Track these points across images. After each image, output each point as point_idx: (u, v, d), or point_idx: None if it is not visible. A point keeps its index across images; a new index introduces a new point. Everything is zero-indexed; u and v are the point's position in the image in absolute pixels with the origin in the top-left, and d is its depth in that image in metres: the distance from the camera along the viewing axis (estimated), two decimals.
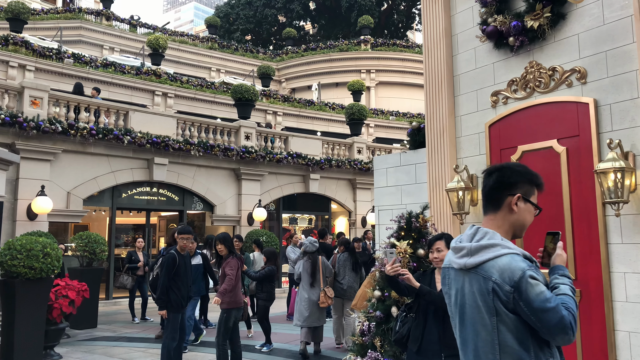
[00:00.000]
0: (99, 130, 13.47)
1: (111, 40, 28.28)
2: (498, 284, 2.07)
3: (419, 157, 6.26)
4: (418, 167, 6.25)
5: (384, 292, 5.17)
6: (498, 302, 2.07)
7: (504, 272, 2.07)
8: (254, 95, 17.27)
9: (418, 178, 6.25)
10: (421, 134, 6.23)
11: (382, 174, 6.68)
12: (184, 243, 6.63)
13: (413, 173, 6.32)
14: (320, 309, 8.35)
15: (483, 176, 2.31)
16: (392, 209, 6.50)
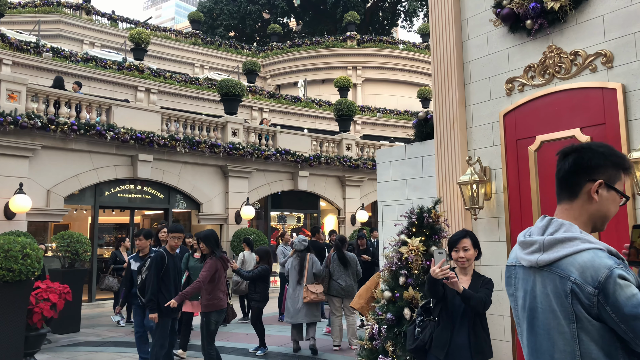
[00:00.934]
0: (81, 126, 12.92)
1: (91, 34, 27.54)
2: (578, 284, 1.71)
3: (426, 149, 5.92)
4: (425, 159, 5.91)
5: (394, 292, 4.82)
6: (578, 305, 1.71)
7: (585, 270, 1.71)
8: (241, 90, 16.82)
9: (425, 171, 5.90)
10: (429, 125, 5.89)
11: (386, 168, 6.32)
12: (175, 242, 6.20)
13: (420, 166, 5.97)
14: (309, 306, 8.23)
15: (557, 158, 1.95)
16: (397, 205, 6.15)
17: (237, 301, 12.09)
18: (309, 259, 8.60)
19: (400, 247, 4.86)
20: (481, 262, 5.25)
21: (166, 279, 6.11)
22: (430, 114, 5.94)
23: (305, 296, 8.16)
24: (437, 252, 3.58)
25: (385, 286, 4.98)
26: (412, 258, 4.71)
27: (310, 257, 8.65)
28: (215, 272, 6.23)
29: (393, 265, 4.84)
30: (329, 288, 8.37)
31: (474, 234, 3.95)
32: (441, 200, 5.11)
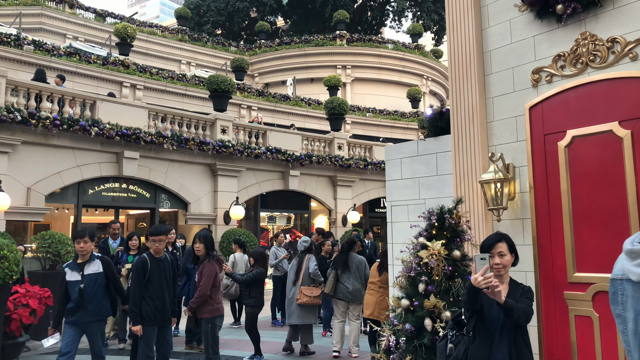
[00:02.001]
0: (64, 121, 12.33)
1: (75, 29, 26.78)
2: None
3: (440, 145, 5.50)
4: (440, 156, 5.49)
5: (412, 301, 4.39)
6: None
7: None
8: (230, 87, 16.31)
9: (440, 169, 5.49)
10: (444, 119, 5.47)
11: (396, 165, 5.90)
12: (156, 246, 5.69)
13: (433, 163, 5.56)
14: (302, 308, 8.00)
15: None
16: (407, 205, 5.73)
17: (227, 305, 11.58)
18: (306, 260, 8.32)
19: (419, 251, 4.44)
20: None
21: (150, 286, 5.58)
22: (446, 107, 5.52)
23: (298, 298, 8.05)
24: (479, 258, 3.15)
25: (402, 293, 4.56)
26: (433, 263, 4.29)
27: (308, 258, 8.35)
28: (216, 275, 5.81)
29: (412, 271, 4.41)
30: (335, 291, 7.96)
31: (509, 237, 3.53)
32: (463, 199, 4.69)
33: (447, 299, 4.27)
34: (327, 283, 8.04)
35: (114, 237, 9.68)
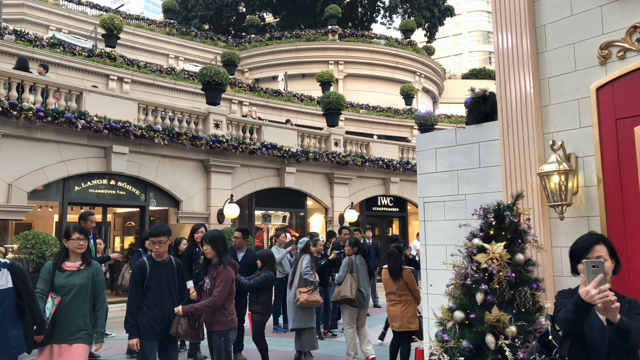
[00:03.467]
0: (48, 112, 11.49)
1: (58, 20, 25.78)
2: None
3: (484, 133, 4.86)
4: (483, 146, 4.85)
5: (467, 312, 3.74)
6: None
7: None
8: (224, 79, 15.54)
9: (483, 160, 4.85)
10: (488, 104, 4.84)
11: (429, 157, 5.24)
12: (155, 248, 4.98)
13: (475, 154, 4.92)
14: (302, 310, 7.41)
15: None
16: (443, 201, 5.08)
17: None
18: (301, 260, 7.86)
19: (475, 255, 3.79)
20: (562, 272, 4.23)
21: (150, 293, 4.88)
22: (489, 90, 4.89)
23: (298, 298, 7.44)
24: (590, 266, 2.50)
25: (454, 304, 3.91)
26: (494, 269, 3.64)
27: (302, 258, 7.75)
28: (232, 283, 5.12)
29: (467, 278, 3.76)
30: (340, 294, 7.33)
31: (608, 239, 2.90)
32: (523, 194, 4.05)
33: (511, 311, 3.63)
34: (346, 287, 7.37)
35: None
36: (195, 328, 4.95)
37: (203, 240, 5.53)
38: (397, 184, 19.46)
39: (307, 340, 7.48)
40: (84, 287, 4.61)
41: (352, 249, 7.75)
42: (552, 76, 4.44)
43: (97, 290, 4.72)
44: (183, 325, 4.87)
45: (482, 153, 4.86)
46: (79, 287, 4.58)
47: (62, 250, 4.79)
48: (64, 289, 4.55)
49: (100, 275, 4.80)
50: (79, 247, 4.66)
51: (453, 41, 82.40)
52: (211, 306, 5.06)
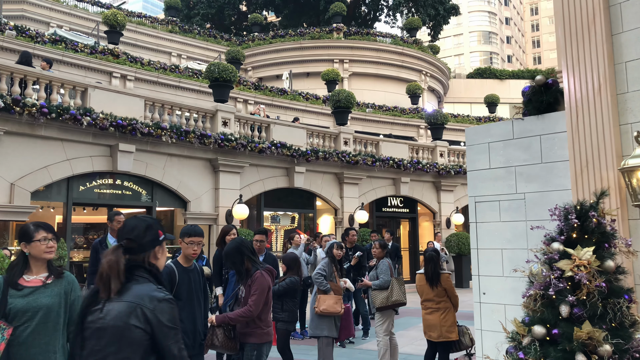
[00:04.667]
0: (52, 109, 11.01)
1: (59, 17, 25.33)
2: None
3: (546, 125, 4.40)
4: (545, 139, 4.39)
5: (548, 327, 3.27)
6: None
7: None
8: (232, 76, 15.06)
9: (546, 155, 4.39)
10: (550, 93, 4.37)
11: (482, 152, 4.78)
12: (193, 251, 4.47)
13: (537, 148, 4.45)
14: (318, 317, 6.78)
15: None
16: (498, 201, 4.62)
17: None
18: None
19: (557, 262, 3.32)
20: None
21: (180, 304, 4.29)
22: (552, 78, 4.42)
23: (316, 306, 6.84)
24: None
25: (527, 316, 3.44)
26: (583, 278, 3.17)
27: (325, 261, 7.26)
28: (268, 291, 4.65)
29: (550, 288, 3.28)
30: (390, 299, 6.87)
31: None
32: (607, 192, 3.58)
33: (601, 326, 3.16)
34: (397, 291, 6.91)
35: (116, 234, 8.09)
36: (231, 339, 4.51)
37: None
38: (408, 184, 19.01)
39: (321, 350, 6.97)
40: (54, 309, 3.23)
41: (382, 251, 7.28)
42: (630, 60, 3.98)
43: (73, 313, 3.32)
44: (219, 336, 4.42)
45: (545, 147, 4.39)
46: (47, 309, 3.22)
47: (20, 258, 3.35)
48: (24, 315, 3.19)
49: (77, 291, 3.41)
50: (48, 250, 3.33)
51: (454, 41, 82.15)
52: (246, 316, 4.60)
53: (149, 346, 2.38)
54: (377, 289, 7.11)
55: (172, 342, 2.41)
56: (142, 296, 2.39)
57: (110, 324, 2.36)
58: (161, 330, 2.38)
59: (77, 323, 2.49)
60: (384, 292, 7.05)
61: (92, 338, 2.40)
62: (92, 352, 2.38)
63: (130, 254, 2.50)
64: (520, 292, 4.41)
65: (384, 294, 7.02)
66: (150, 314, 2.37)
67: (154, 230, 2.63)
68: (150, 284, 2.46)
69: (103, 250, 7.22)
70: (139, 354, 2.36)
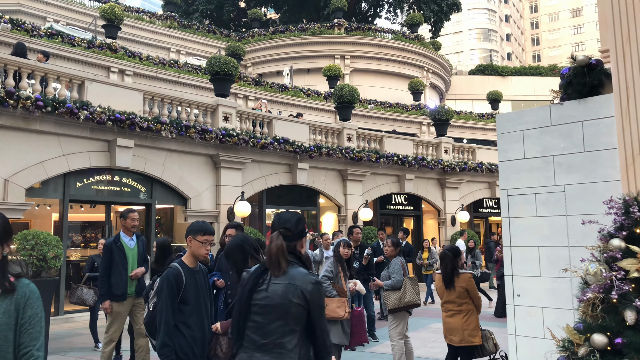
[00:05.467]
0: (47, 102, 10.58)
1: (55, 12, 24.88)
2: None
3: (589, 109, 4.00)
4: (588, 125, 3.99)
5: (610, 336, 2.87)
6: None
7: None
8: (234, 69, 14.63)
9: (588, 143, 3.99)
10: (594, 74, 3.97)
11: (515, 140, 4.38)
12: (205, 251, 4.03)
13: (578, 135, 4.06)
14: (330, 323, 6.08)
15: None
16: (535, 194, 4.22)
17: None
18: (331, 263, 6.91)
19: (620, 261, 2.92)
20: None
21: (187, 309, 3.89)
22: (595, 58, 4.02)
23: None
24: None
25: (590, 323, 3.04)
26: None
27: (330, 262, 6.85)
28: None
29: (613, 291, 2.88)
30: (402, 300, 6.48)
31: None
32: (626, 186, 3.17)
33: None
34: (410, 291, 6.52)
35: (130, 232, 6.97)
36: None
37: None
38: (412, 181, 18.61)
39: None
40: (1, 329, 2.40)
41: (394, 249, 6.88)
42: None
43: (24, 335, 2.46)
44: (223, 345, 4.00)
45: (587, 134, 3.99)
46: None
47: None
48: None
49: (33, 307, 2.51)
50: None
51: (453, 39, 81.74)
52: None
53: (306, 319, 2.86)
54: (390, 290, 6.71)
55: (321, 318, 2.89)
56: (300, 279, 2.84)
57: (277, 302, 2.81)
58: (315, 308, 2.85)
59: (245, 300, 2.90)
60: (396, 292, 6.65)
61: (260, 313, 2.85)
62: (260, 325, 2.84)
63: (286, 241, 2.91)
64: (560, 294, 4.02)
65: (397, 295, 6.63)
66: (308, 295, 2.82)
67: (302, 223, 3.04)
68: (301, 269, 2.91)
69: (118, 249, 6.71)
70: (300, 325, 2.85)
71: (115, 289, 6.67)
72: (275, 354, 2.80)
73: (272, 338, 2.81)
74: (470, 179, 20.40)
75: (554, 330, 3.46)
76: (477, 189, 20.89)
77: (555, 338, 3.22)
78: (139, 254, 6.94)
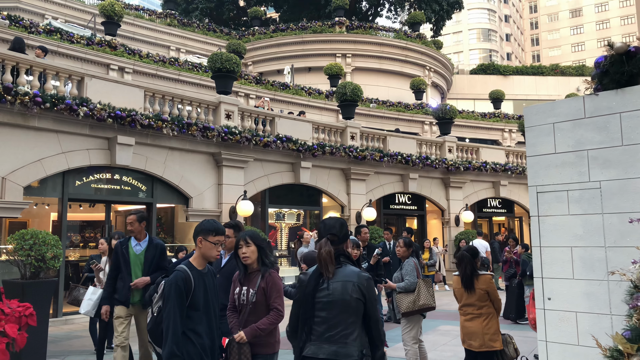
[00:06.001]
0: (46, 98, 10.31)
1: (54, 9, 24.58)
2: None
3: (628, 100, 3.74)
4: (627, 117, 3.74)
5: None
6: None
7: None
8: (236, 66, 14.37)
9: (627, 136, 3.73)
10: (634, 62, 3.70)
11: (545, 133, 4.11)
12: (218, 250, 3.76)
13: (615, 128, 3.79)
14: None
15: None
16: (567, 190, 3.96)
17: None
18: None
19: None
20: None
21: (196, 315, 3.61)
22: (634, 45, 3.76)
23: None
24: None
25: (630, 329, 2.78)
26: None
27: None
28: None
29: None
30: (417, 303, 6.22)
31: None
32: None
33: None
34: (424, 294, 6.27)
35: (139, 237, 6.40)
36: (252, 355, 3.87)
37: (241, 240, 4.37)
38: (416, 180, 18.36)
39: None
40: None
41: (407, 250, 6.62)
42: None
43: None
44: (247, 354, 3.79)
45: (627, 126, 3.73)
46: None
47: None
48: None
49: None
50: None
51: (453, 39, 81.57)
52: (276, 322, 4.04)
53: (362, 311, 3.25)
54: (403, 292, 6.45)
55: (375, 309, 3.30)
56: (355, 276, 3.26)
57: (339, 298, 3.21)
58: (370, 300, 3.26)
59: (309, 299, 3.25)
60: (410, 295, 6.40)
61: (325, 309, 3.23)
62: (326, 319, 3.22)
63: (333, 245, 3.32)
64: (596, 298, 3.76)
65: (410, 298, 6.37)
66: (364, 289, 3.24)
67: (345, 227, 3.44)
68: (353, 267, 3.33)
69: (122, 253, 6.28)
70: (360, 317, 3.26)
71: (119, 294, 6.26)
72: (340, 344, 3.16)
73: (338, 330, 3.18)
74: (475, 178, 20.16)
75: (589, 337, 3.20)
76: (481, 189, 20.64)
77: (601, 347, 2.96)
78: (147, 261, 6.24)
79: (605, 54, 3.78)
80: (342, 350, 3.16)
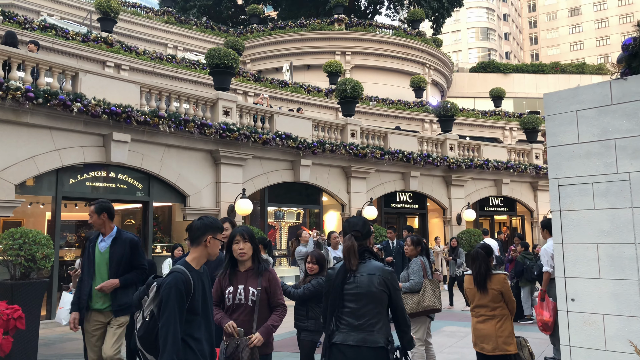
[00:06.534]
0: (39, 93, 10.00)
1: (49, 5, 24.28)
2: None
3: None
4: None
5: None
6: None
7: None
8: (234, 62, 14.06)
9: None
10: None
11: (568, 122, 3.82)
12: (217, 249, 3.47)
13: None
14: None
15: None
16: (592, 183, 3.67)
17: None
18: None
19: None
20: None
21: (195, 319, 3.31)
22: None
23: None
24: None
25: None
26: None
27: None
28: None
29: None
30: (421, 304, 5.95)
31: None
32: None
33: None
34: (430, 295, 5.99)
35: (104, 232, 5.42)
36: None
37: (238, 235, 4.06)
38: (417, 178, 18.07)
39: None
40: None
41: (415, 248, 6.34)
42: None
43: None
44: (257, 356, 3.65)
45: None
46: None
47: None
48: None
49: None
50: None
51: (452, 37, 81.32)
52: (283, 318, 4.07)
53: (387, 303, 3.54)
54: (408, 292, 6.17)
55: (399, 299, 3.58)
56: (379, 269, 3.55)
57: (366, 290, 3.48)
58: (394, 292, 3.55)
59: (338, 291, 3.51)
60: (415, 295, 6.12)
61: (352, 301, 3.50)
62: (353, 310, 3.49)
63: (357, 241, 3.58)
64: (626, 299, 3.48)
65: (415, 298, 6.09)
66: (388, 282, 3.52)
67: (368, 225, 3.72)
68: (376, 262, 3.61)
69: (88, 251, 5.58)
70: (385, 308, 3.55)
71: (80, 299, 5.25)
72: (368, 332, 3.45)
73: (365, 319, 3.47)
74: (476, 176, 19.88)
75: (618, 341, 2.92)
76: (483, 187, 20.37)
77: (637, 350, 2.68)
78: (113, 260, 5.20)
79: (635, 35, 3.49)
80: (369, 337, 3.43)
